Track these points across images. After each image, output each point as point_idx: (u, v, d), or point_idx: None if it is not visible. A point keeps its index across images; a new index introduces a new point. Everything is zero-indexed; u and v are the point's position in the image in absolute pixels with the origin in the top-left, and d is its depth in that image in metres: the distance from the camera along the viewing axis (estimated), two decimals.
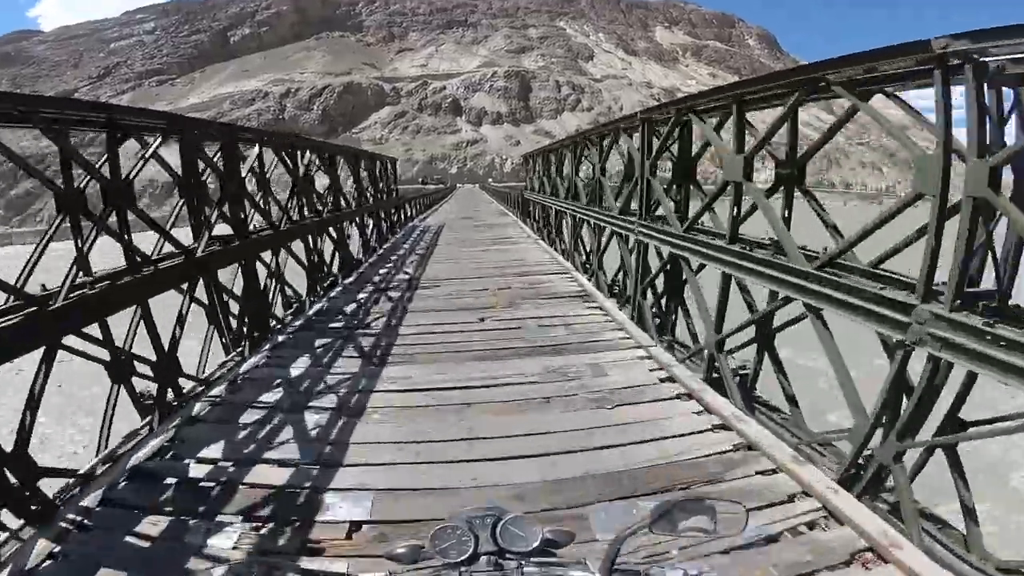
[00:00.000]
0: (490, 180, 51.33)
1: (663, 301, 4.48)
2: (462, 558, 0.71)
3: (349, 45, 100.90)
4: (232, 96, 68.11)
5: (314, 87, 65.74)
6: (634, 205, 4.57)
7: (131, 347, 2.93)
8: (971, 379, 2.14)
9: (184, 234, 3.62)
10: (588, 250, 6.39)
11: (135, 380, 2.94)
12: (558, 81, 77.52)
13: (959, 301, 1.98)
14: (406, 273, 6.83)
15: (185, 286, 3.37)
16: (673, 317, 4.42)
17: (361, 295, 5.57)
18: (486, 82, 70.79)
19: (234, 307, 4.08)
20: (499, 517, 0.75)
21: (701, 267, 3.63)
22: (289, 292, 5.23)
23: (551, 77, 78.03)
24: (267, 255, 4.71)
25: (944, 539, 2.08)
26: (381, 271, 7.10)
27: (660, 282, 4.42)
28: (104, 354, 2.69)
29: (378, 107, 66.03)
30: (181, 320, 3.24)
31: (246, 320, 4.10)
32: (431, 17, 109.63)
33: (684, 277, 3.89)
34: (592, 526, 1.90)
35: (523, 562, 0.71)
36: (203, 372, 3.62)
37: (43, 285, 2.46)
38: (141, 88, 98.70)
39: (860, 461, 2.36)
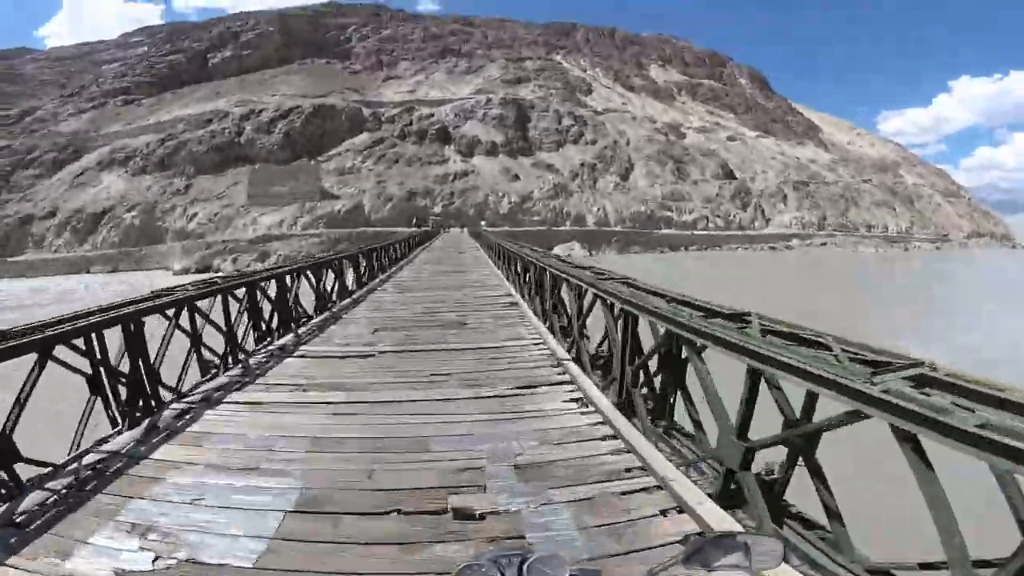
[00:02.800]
0: (482, 223, 42.36)
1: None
2: None
3: (334, 71, 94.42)
4: (187, 118, 59.36)
5: (280, 108, 57.16)
6: None
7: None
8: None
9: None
10: None
11: None
12: (558, 111, 70.61)
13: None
14: None
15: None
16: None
17: None
18: (479, 109, 63.29)
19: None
20: (524, 557, 0.74)
21: None
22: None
23: (550, 107, 71.07)
24: None
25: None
26: None
27: None
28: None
29: (354, 133, 57.78)
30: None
31: None
32: (424, 44, 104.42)
33: None
34: None
35: None
36: None
37: None
38: (105, 107, 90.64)
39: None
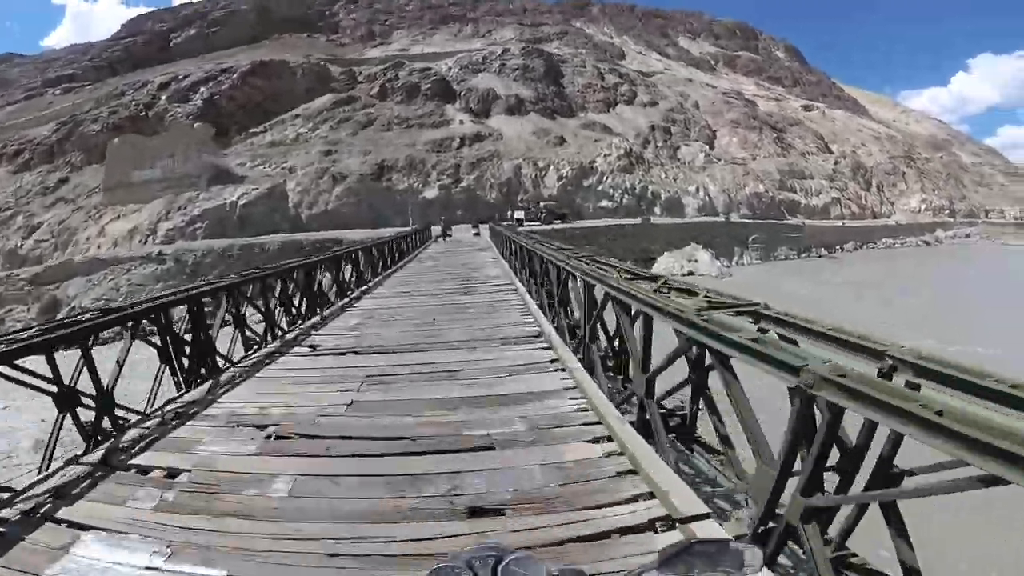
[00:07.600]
0: (516, 213, 20.85)
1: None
2: None
3: (316, 45, 71.62)
4: (100, 97, 38.44)
5: (210, 72, 35.84)
6: None
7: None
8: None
9: None
10: None
11: None
12: (597, 67, 47.83)
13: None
14: None
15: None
16: None
17: None
18: (494, 60, 41.43)
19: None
20: (500, 557, 0.67)
21: None
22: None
23: (586, 62, 48.32)
24: None
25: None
26: None
27: None
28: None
29: (313, 96, 35.96)
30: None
31: None
32: (422, 12, 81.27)
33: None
34: None
35: None
36: None
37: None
38: (42, 97, 70.93)
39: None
